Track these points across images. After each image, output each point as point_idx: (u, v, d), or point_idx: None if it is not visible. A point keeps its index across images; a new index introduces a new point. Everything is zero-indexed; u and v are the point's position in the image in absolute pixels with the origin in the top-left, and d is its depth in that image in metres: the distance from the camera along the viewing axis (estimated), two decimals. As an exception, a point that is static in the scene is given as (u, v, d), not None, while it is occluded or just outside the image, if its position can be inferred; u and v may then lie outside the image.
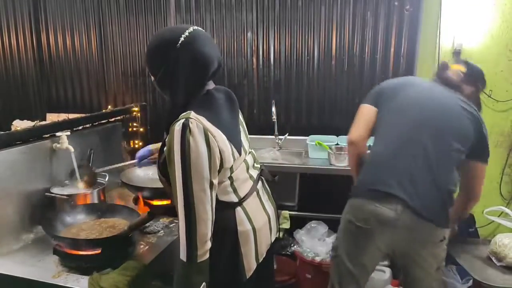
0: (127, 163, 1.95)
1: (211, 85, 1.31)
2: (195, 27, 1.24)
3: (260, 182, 1.42)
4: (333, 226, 2.59)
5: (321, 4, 2.72)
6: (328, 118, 2.87)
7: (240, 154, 1.29)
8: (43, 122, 2.58)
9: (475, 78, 1.77)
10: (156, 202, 1.95)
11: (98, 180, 2.03)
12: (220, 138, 1.17)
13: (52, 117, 3.21)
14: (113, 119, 2.49)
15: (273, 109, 2.77)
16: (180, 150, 1.11)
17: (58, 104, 3.37)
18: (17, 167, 1.69)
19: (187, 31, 1.21)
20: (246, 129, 1.43)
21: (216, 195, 1.22)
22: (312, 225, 2.59)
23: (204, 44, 1.22)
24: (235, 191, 1.28)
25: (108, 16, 3.13)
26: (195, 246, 1.12)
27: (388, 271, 2.43)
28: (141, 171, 2.23)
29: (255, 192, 1.36)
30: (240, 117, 1.40)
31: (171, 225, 1.81)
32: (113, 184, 2.15)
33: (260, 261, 1.33)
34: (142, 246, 1.61)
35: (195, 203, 1.12)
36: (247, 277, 1.29)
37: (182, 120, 1.13)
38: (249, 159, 1.38)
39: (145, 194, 1.94)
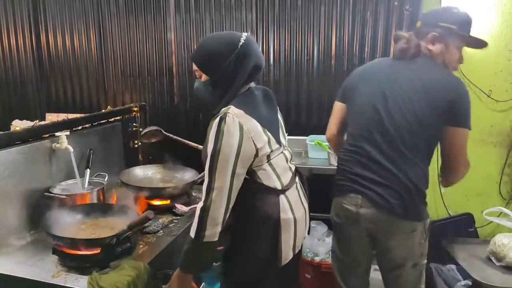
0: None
1: (252, 84, 1.45)
2: (246, 33, 1.38)
3: (297, 177, 1.52)
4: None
5: (321, 4, 2.72)
6: (328, 118, 2.86)
7: (279, 145, 1.41)
8: (43, 122, 2.57)
9: (433, 23, 1.58)
10: (156, 202, 1.95)
11: (98, 180, 2.03)
12: (255, 130, 1.30)
13: (51, 117, 3.20)
14: (112, 119, 2.48)
15: (273, 109, 2.77)
16: (214, 139, 1.25)
17: (58, 104, 3.37)
18: (16, 167, 1.68)
19: (243, 34, 1.36)
20: (284, 126, 1.55)
21: (261, 180, 1.34)
22: (312, 225, 2.59)
23: (257, 48, 1.39)
24: (278, 178, 1.38)
25: (107, 16, 3.12)
26: (204, 227, 1.23)
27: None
28: (141, 171, 2.24)
29: (294, 185, 1.46)
30: (279, 115, 1.53)
31: (171, 225, 1.81)
32: (112, 184, 2.15)
33: (295, 253, 1.41)
34: (141, 246, 1.61)
35: (214, 188, 1.23)
36: (282, 265, 1.36)
37: (221, 115, 1.27)
38: (287, 154, 1.49)
39: (145, 194, 1.94)
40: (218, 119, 1.27)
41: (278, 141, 1.40)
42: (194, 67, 1.43)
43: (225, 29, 2.90)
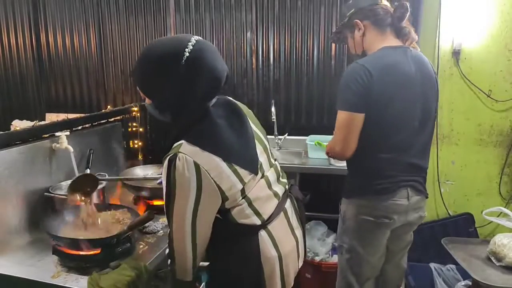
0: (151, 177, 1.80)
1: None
2: (197, 37, 1.09)
3: (288, 200, 1.29)
4: (332, 226, 2.58)
5: (321, 4, 2.72)
6: (328, 118, 2.87)
7: (256, 173, 1.16)
8: (43, 122, 2.57)
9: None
10: (156, 202, 1.95)
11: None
12: (217, 170, 1.06)
13: (51, 117, 3.21)
14: (112, 119, 2.49)
15: (273, 109, 2.77)
16: (166, 185, 1.06)
17: (58, 104, 3.37)
18: (16, 167, 1.68)
19: (190, 43, 1.06)
20: (264, 138, 1.28)
21: (234, 219, 1.13)
22: (312, 225, 2.59)
23: (212, 56, 1.08)
24: (256, 212, 1.15)
25: (107, 16, 3.13)
26: (173, 268, 1.15)
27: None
28: (141, 171, 2.23)
29: (282, 213, 1.23)
30: (253, 126, 1.24)
31: (171, 225, 1.81)
32: (112, 184, 2.15)
33: None
34: (141, 246, 1.61)
35: (174, 240, 1.11)
36: None
37: (170, 156, 1.04)
38: (271, 175, 1.25)
39: (145, 194, 1.94)
40: (166, 161, 1.04)
41: (253, 169, 1.15)
42: None
43: (225, 29, 2.90)
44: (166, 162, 1.05)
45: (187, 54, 1.05)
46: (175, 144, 1.07)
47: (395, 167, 1.62)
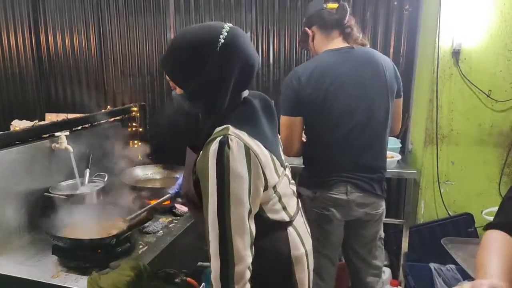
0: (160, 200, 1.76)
1: (246, 91, 1.14)
2: (230, 24, 1.05)
3: (298, 200, 1.28)
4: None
5: (321, 4, 2.72)
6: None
7: (284, 166, 1.16)
8: (42, 122, 2.57)
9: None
10: (156, 202, 1.95)
11: (98, 180, 2.03)
12: (263, 155, 1.02)
13: (51, 117, 3.20)
14: (112, 119, 2.48)
15: (273, 109, 2.77)
16: (217, 173, 0.94)
17: (57, 104, 3.37)
18: (16, 167, 1.68)
19: (224, 30, 1.01)
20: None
21: (266, 214, 1.08)
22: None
23: (246, 42, 1.05)
24: (284, 208, 1.13)
25: (107, 16, 3.12)
26: (232, 286, 0.97)
27: (387, 271, 2.43)
28: (141, 171, 2.23)
29: (299, 211, 1.23)
30: None
31: (171, 225, 1.81)
32: (112, 184, 2.14)
33: None
34: (141, 246, 1.61)
35: (233, 238, 0.95)
36: None
37: (219, 138, 0.95)
38: (289, 173, 1.25)
39: (145, 194, 1.94)
40: (216, 144, 0.94)
41: (282, 163, 1.15)
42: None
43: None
44: (216, 144, 0.94)
45: (222, 40, 1.00)
46: (218, 128, 0.99)
47: (337, 164, 1.71)
